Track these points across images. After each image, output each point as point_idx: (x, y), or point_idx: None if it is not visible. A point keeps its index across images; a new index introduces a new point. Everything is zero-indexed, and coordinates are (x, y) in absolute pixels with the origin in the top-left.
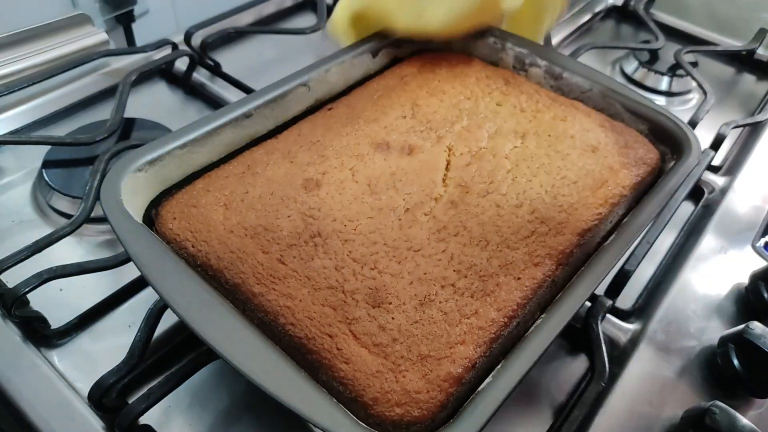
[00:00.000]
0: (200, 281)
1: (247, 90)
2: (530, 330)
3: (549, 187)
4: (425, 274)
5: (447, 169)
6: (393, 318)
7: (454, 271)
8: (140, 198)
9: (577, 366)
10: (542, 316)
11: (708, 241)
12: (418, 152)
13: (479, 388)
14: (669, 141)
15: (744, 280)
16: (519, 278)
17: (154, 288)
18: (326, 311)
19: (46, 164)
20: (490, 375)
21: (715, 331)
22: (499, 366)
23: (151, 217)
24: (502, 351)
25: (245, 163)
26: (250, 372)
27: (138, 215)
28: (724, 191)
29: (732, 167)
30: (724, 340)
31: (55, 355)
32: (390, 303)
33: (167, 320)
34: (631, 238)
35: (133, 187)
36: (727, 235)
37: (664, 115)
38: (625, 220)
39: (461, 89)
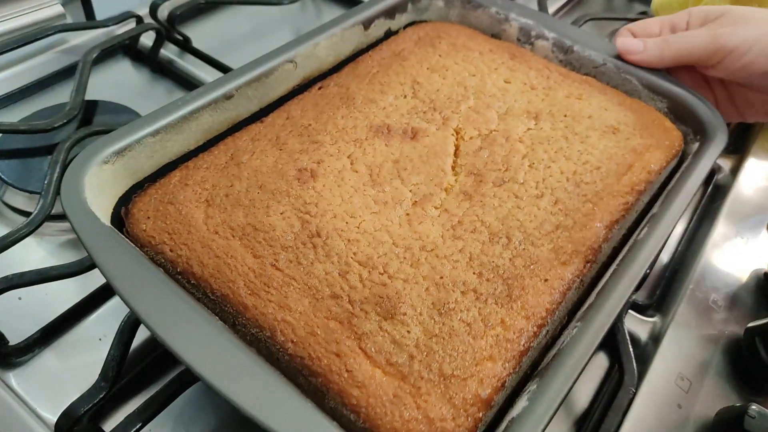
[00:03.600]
0: (180, 292)
1: (220, 67)
2: (563, 341)
3: (570, 173)
4: (442, 278)
5: (456, 154)
6: (409, 331)
7: (475, 273)
8: (107, 194)
9: (597, 365)
10: (576, 324)
11: (722, 226)
12: (423, 136)
13: (513, 414)
14: (691, 120)
15: (762, 265)
16: (546, 279)
17: (125, 302)
18: (332, 325)
19: None
20: (525, 397)
21: (738, 322)
22: (534, 386)
23: (121, 217)
24: (531, 364)
25: (228, 152)
26: (238, 398)
27: (105, 215)
28: (734, 171)
29: (740, 146)
30: (750, 333)
31: (13, 377)
32: (404, 314)
33: (145, 331)
34: (665, 232)
35: (98, 183)
36: (740, 219)
37: (686, 92)
38: (653, 210)
39: (465, 65)
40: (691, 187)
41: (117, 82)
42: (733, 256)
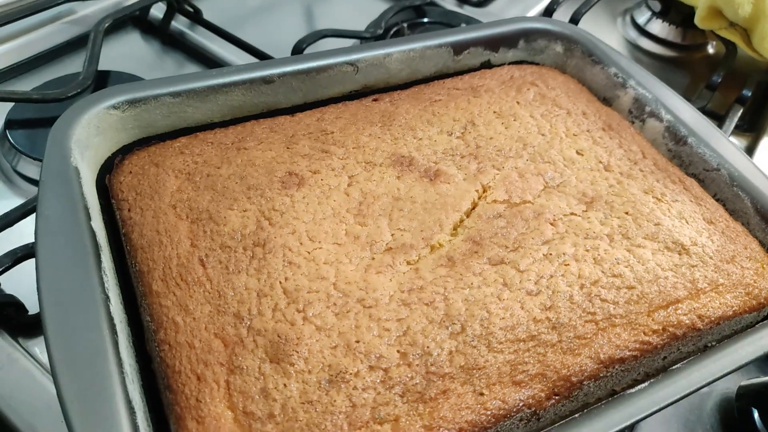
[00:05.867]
0: (90, 258)
1: (231, 39)
2: None
3: (589, 282)
4: (358, 342)
5: (468, 214)
6: (286, 386)
7: (399, 352)
8: (109, 139)
9: None
10: None
11: None
12: (443, 182)
13: None
14: None
15: None
16: (482, 394)
17: (35, 242)
18: (214, 344)
19: (10, 124)
20: None
21: None
22: None
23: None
24: None
25: (240, 134)
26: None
27: (98, 156)
28: (749, 150)
29: (755, 125)
30: None
31: (37, 346)
32: (293, 364)
33: None
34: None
35: (99, 125)
36: None
37: None
38: (683, 363)
39: (541, 120)
40: (739, 358)
41: (127, 54)
42: None
